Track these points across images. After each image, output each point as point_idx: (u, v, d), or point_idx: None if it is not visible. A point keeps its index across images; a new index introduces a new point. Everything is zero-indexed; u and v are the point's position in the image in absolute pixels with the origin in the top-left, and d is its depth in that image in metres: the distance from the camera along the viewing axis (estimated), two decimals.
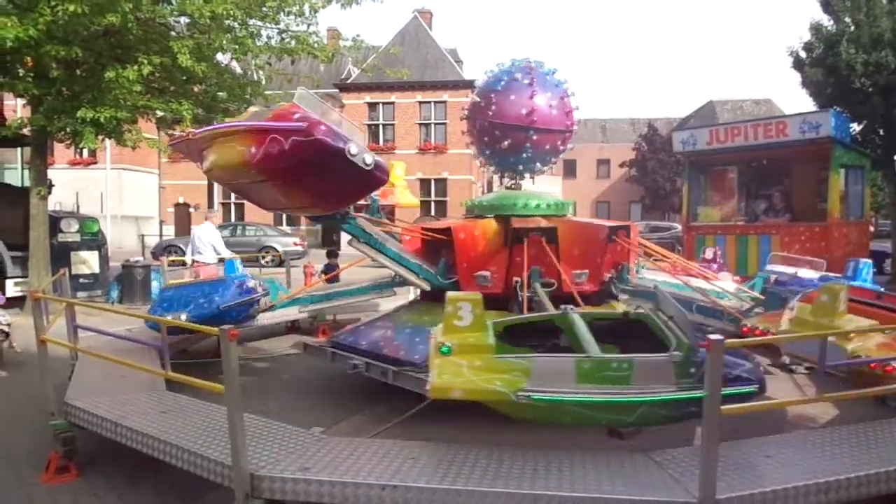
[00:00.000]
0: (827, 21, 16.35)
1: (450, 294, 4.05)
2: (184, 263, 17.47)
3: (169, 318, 6.31)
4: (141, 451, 3.87)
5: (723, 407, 2.76)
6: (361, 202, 7.56)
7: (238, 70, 12.80)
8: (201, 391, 3.66)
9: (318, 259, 14.17)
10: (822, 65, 15.65)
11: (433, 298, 6.30)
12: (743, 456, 3.41)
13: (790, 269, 7.34)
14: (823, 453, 3.43)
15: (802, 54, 16.67)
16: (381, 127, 33.94)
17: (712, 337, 2.70)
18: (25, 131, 10.89)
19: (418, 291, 6.85)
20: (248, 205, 36.12)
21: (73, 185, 30.63)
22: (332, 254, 11.01)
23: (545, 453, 3.56)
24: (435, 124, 33.38)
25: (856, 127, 16.13)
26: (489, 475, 3.19)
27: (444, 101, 32.61)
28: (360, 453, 3.49)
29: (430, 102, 33.19)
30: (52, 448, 4.41)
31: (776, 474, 3.15)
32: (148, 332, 6.18)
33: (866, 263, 6.87)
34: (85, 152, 30.24)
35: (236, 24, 10.87)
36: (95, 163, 32.31)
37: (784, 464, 3.28)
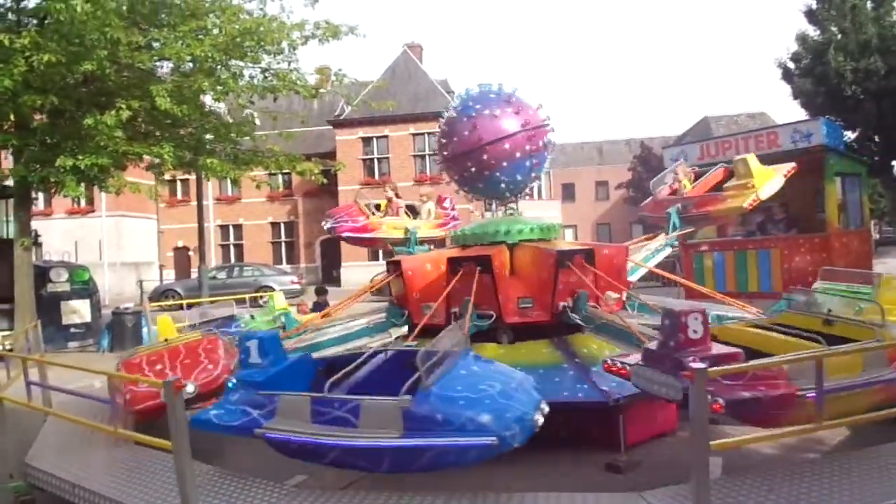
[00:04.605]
0: (813, 31, 16.37)
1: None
2: (182, 307, 17.28)
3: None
4: None
5: (712, 442, 2.50)
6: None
7: (220, 110, 12.75)
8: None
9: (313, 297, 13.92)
10: (811, 74, 15.61)
11: (422, 334, 6.04)
12: (744, 491, 3.13)
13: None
14: (831, 485, 3.15)
15: (791, 65, 16.65)
16: (375, 161, 33.97)
17: (695, 366, 2.45)
18: (8, 182, 10.79)
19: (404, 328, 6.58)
20: (246, 245, 36.23)
21: (72, 234, 30.65)
22: (322, 291, 10.85)
23: (533, 495, 3.32)
24: (429, 155, 33.38)
25: (850, 135, 16.00)
26: None
27: (438, 132, 32.70)
28: None
29: (423, 134, 33.22)
30: None
31: None
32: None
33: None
34: (82, 201, 30.30)
35: (219, 67, 10.83)
36: (93, 211, 32.32)
37: (788, 499, 3.00)
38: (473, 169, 6.18)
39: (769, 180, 7.10)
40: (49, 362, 4.53)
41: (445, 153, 6.46)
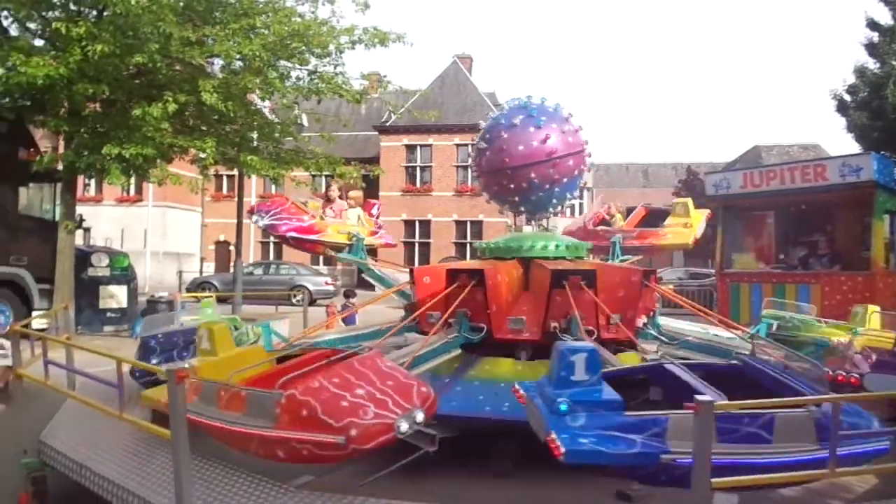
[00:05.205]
0: (872, 64, 15.90)
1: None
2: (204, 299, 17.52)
3: None
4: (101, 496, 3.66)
5: (714, 480, 2.39)
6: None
7: (265, 109, 12.99)
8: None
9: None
10: (867, 108, 15.15)
11: (496, 350, 5.64)
12: None
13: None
14: None
15: (846, 97, 16.18)
16: (418, 169, 34.19)
17: (700, 398, 2.36)
18: (58, 167, 11.16)
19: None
20: (285, 245, 36.72)
21: (120, 222, 31.60)
22: (350, 294, 10.92)
23: None
24: (472, 167, 33.46)
25: None
26: None
27: (485, 138, 32.70)
28: None
29: (467, 145, 33.28)
30: (23, 488, 4.24)
31: None
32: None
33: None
34: (131, 189, 31.24)
35: (266, 66, 11.04)
36: (141, 200, 33.23)
37: None
38: (537, 181, 5.95)
39: (700, 221, 8.07)
40: (68, 343, 4.62)
41: (507, 160, 6.06)
